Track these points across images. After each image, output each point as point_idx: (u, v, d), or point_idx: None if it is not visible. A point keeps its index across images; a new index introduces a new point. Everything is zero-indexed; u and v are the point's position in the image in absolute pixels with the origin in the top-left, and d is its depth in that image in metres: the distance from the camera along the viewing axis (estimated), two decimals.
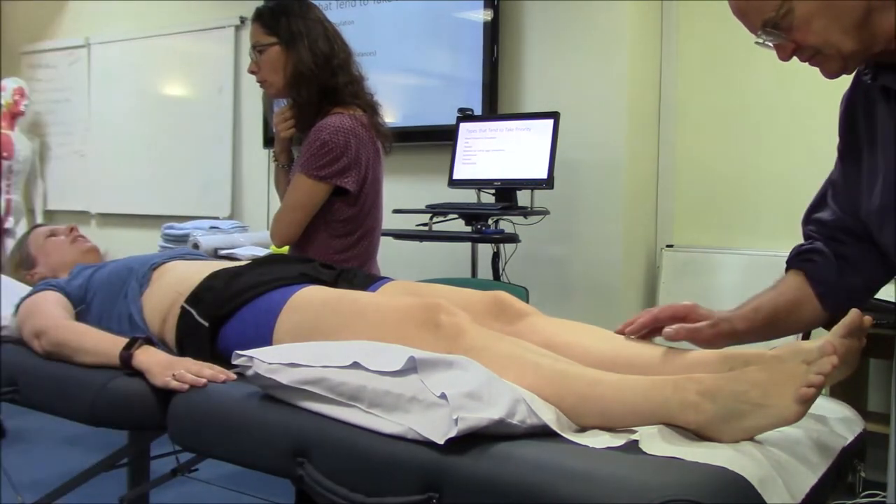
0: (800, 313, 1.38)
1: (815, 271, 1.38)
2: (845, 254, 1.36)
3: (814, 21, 1.15)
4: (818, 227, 1.41)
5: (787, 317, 1.38)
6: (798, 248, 1.43)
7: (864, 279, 1.37)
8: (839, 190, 1.38)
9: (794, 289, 1.39)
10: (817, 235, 1.41)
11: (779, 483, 1.00)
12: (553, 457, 1.04)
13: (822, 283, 1.37)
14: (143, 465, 2.21)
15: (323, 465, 1.18)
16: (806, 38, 1.16)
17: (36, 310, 1.72)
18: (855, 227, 1.35)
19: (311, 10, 2.12)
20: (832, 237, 1.38)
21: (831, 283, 1.36)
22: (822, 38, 1.16)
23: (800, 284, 1.39)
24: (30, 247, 2.12)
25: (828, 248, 1.37)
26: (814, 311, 1.38)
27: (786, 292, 1.39)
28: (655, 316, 1.37)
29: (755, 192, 3.31)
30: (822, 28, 1.15)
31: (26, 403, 1.66)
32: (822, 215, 1.40)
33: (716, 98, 3.41)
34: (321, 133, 2.01)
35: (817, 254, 1.38)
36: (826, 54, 1.18)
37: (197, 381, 1.41)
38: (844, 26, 1.15)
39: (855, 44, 1.16)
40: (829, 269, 1.36)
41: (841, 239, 1.37)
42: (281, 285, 1.58)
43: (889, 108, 1.23)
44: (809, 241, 1.42)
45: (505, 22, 3.62)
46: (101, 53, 5.38)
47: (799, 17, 1.15)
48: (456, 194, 3.40)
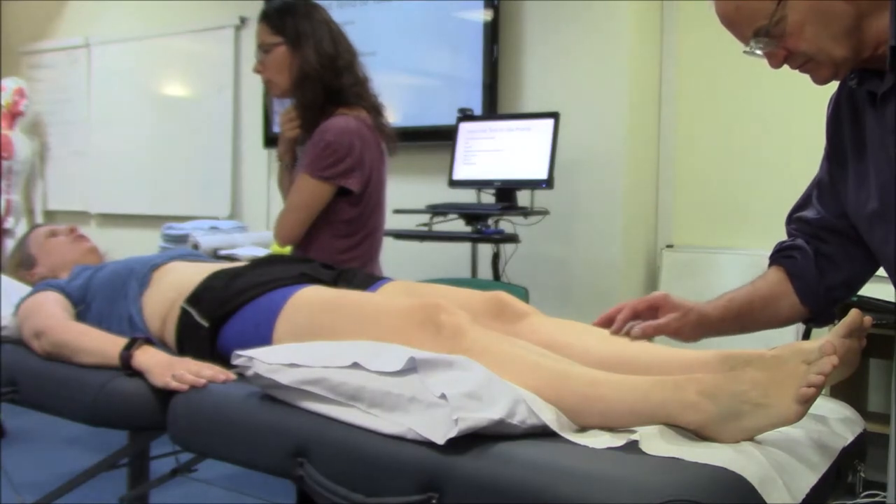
0: (777, 307, 1.39)
1: (794, 267, 1.40)
2: (827, 252, 1.38)
3: (806, 28, 1.16)
4: (801, 226, 1.42)
5: (762, 309, 1.39)
6: (780, 244, 1.45)
7: (845, 277, 1.39)
8: (825, 191, 1.39)
9: (772, 283, 1.41)
10: (800, 234, 1.42)
11: (779, 483, 1.00)
12: (553, 457, 1.04)
13: (801, 279, 1.39)
14: (143, 465, 2.21)
15: (323, 465, 1.18)
16: (798, 45, 1.17)
17: (36, 310, 1.72)
18: (839, 227, 1.37)
19: (317, 10, 2.12)
20: (815, 235, 1.40)
21: (810, 279, 1.38)
22: (815, 44, 1.17)
23: (779, 279, 1.41)
24: (30, 247, 2.12)
25: (809, 246, 1.39)
26: (792, 306, 1.40)
27: (763, 287, 1.41)
28: (634, 308, 1.38)
29: (755, 193, 3.31)
30: (814, 35, 1.16)
31: (26, 403, 1.66)
32: (806, 214, 1.42)
33: (716, 98, 3.42)
34: (326, 134, 2.01)
35: (798, 250, 1.40)
36: (817, 61, 1.19)
37: (197, 382, 1.41)
38: (835, 33, 1.15)
39: (846, 50, 1.17)
40: (809, 266, 1.38)
41: (824, 238, 1.39)
42: (281, 285, 1.58)
43: (875, 113, 1.24)
44: (791, 239, 1.43)
45: (505, 22, 3.62)
46: (101, 53, 5.39)
47: (791, 23, 1.15)
48: (456, 194, 3.40)
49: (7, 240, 4.82)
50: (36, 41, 5.79)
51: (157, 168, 5.04)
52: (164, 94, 5.08)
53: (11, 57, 5.80)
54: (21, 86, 5.33)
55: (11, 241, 4.45)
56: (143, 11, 5.10)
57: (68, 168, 5.58)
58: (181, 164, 4.93)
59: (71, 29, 5.61)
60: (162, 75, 5.07)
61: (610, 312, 1.41)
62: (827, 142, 1.38)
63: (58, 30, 5.70)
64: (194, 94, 4.94)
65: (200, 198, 4.80)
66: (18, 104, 5.29)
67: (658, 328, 1.35)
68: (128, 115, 5.19)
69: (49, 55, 5.71)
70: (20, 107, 5.30)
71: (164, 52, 5.02)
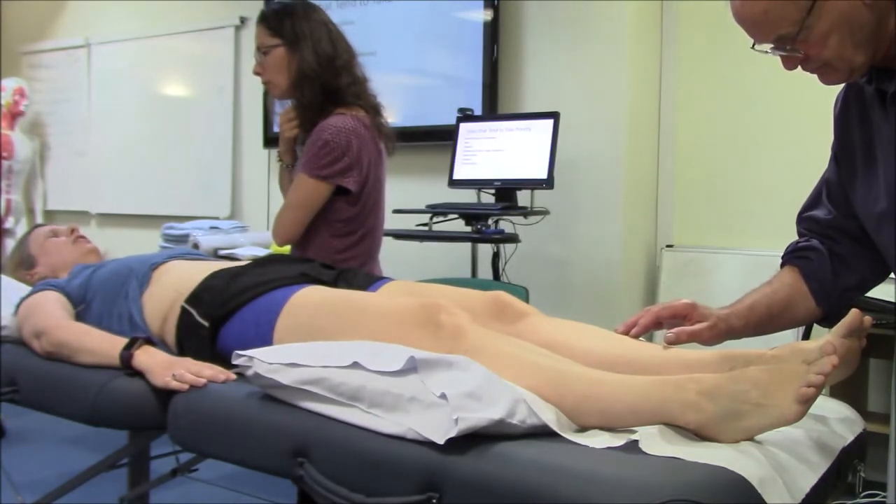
0: (794, 310, 1.39)
1: (809, 268, 1.39)
2: (839, 252, 1.37)
3: (831, 36, 1.14)
4: (812, 225, 1.41)
5: (781, 313, 1.38)
6: (794, 244, 1.43)
7: (858, 278, 1.38)
8: (833, 189, 1.38)
9: (788, 285, 1.40)
10: (811, 233, 1.41)
11: (779, 483, 1.00)
12: (553, 457, 1.04)
13: (817, 280, 1.38)
14: (143, 465, 2.21)
15: (323, 465, 1.18)
16: (821, 52, 1.16)
17: (36, 310, 1.72)
18: (848, 227, 1.36)
19: (315, 11, 2.14)
20: (826, 235, 1.39)
21: (825, 280, 1.37)
22: (837, 52, 1.16)
23: (794, 281, 1.40)
24: (30, 247, 2.12)
25: (823, 246, 1.38)
26: (808, 307, 1.39)
27: (780, 289, 1.39)
28: (657, 315, 1.37)
29: (755, 192, 3.31)
30: (838, 43, 1.15)
31: (26, 403, 1.65)
32: (817, 213, 1.41)
33: (716, 98, 3.41)
34: (323, 133, 2.02)
35: (812, 251, 1.39)
36: (834, 66, 1.18)
37: (197, 381, 1.41)
38: (858, 41, 1.15)
39: (865, 56, 1.16)
40: (824, 267, 1.37)
41: (835, 237, 1.38)
42: (281, 285, 1.58)
43: (884, 113, 1.23)
44: (805, 238, 1.42)
45: (505, 22, 3.62)
46: (101, 53, 5.38)
47: (816, 33, 1.14)
48: (456, 194, 3.40)
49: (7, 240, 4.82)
50: (36, 41, 5.79)
51: (157, 168, 5.03)
52: (164, 94, 5.08)
53: (11, 57, 5.80)
54: (21, 86, 5.33)
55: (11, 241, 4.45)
56: (143, 11, 5.10)
57: (68, 168, 5.57)
58: (181, 164, 4.92)
59: (71, 29, 5.61)
60: (162, 75, 5.07)
61: (633, 319, 1.40)
62: (835, 140, 1.37)
63: (58, 30, 5.70)
64: (194, 94, 4.94)
65: (200, 198, 4.79)
66: (18, 104, 5.29)
67: (692, 335, 1.33)
68: (128, 115, 5.19)
69: (49, 55, 5.70)
70: (20, 107, 5.30)
71: (164, 52, 5.02)
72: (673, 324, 1.36)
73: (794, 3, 1.13)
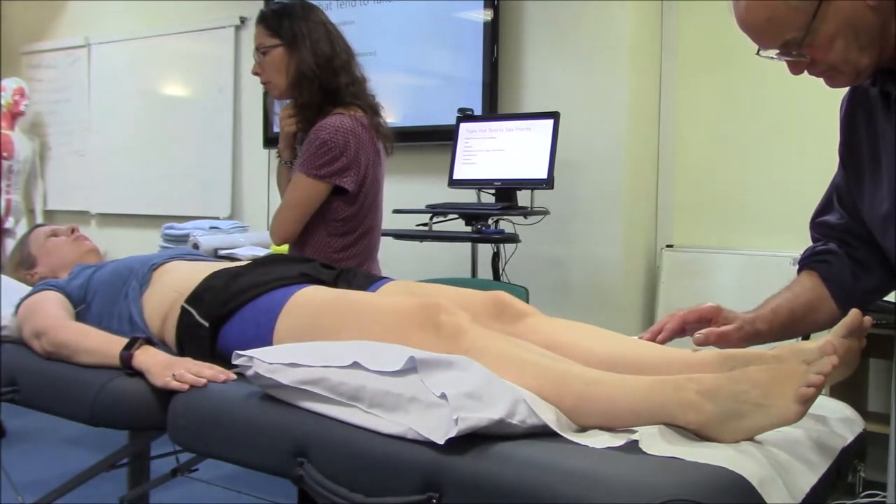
0: (816, 313, 1.38)
1: (829, 272, 1.38)
2: (856, 256, 1.37)
3: (837, 40, 1.14)
4: (826, 230, 1.41)
5: (804, 317, 1.38)
6: (810, 249, 1.43)
7: (877, 280, 1.38)
8: (843, 194, 1.38)
9: (809, 289, 1.39)
10: (825, 238, 1.41)
11: (779, 483, 1.00)
12: (553, 457, 1.04)
13: (837, 283, 1.37)
14: (143, 465, 2.21)
15: (323, 465, 1.18)
16: (827, 56, 1.16)
17: (36, 310, 1.72)
18: (861, 230, 1.36)
19: (313, 12, 2.14)
20: (841, 240, 1.38)
21: (846, 282, 1.37)
22: (843, 56, 1.16)
23: (814, 285, 1.39)
24: (30, 247, 2.12)
25: (840, 250, 1.37)
26: (830, 310, 1.38)
27: (802, 293, 1.39)
28: (683, 319, 1.37)
29: (755, 193, 3.31)
30: (844, 46, 1.15)
31: (26, 403, 1.65)
32: (829, 218, 1.41)
33: (716, 98, 3.41)
34: (321, 133, 2.03)
35: (831, 254, 1.39)
36: (840, 70, 1.17)
37: (197, 381, 1.41)
38: (863, 44, 1.15)
39: (870, 59, 1.16)
40: (844, 270, 1.37)
41: (849, 242, 1.38)
42: (281, 285, 1.58)
43: (888, 115, 1.23)
44: (823, 242, 1.42)
45: (505, 22, 3.61)
46: (101, 53, 5.38)
47: (822, 37, 1.14)
48: (456, 194, 3.40)
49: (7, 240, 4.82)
50: (36, 41, 5.79)
51: (157, 168, 5.03)
52: (164, 94, 5.08)
53: (11, 57, 5.80)
54: (21, 86, 5.33)
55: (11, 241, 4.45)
56: (143, 11, 5.10)
57: (68, 168, 5.58)
58: (181, 164, 4.92)
59: (71, 29, 5.61)
60: (162, 75, 5.07)
61: (659, 324, 1.39)
62: (841, 143, 1.37)
63: (58, 30, 5.70)
64: (194, 94, 4.94)
65: (200, 198, 4.80)
66: (18, 104, 5.29)
67: (721, 336, 1.33)
68: (128, 115, 5.19)
69: (49, 55, 5.70)
70: (20, 107, 5.30)
71: (164, 52, 5.02)
72: (698, 327, 1.36)
73: (799, 8, 1.13)
